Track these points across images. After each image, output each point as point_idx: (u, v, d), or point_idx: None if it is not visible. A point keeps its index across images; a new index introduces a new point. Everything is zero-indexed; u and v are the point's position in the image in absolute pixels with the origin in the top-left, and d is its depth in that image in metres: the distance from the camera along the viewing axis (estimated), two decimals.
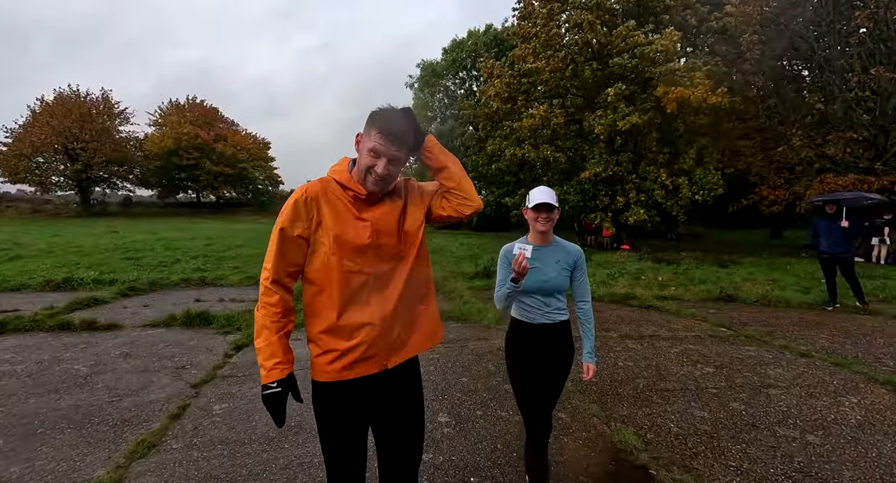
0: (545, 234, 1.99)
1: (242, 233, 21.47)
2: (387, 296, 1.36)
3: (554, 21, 16.00)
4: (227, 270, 9.33)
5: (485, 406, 3.13)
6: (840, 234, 6.36)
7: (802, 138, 14.92)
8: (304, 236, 1.31)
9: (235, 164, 43.77)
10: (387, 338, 1.36)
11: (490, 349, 4.41)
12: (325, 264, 1.31)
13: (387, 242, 1.38)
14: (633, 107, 14.55)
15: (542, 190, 1.94)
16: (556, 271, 1.95)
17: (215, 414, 2.95)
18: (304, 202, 1.32)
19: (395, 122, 1.32)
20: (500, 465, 2.42)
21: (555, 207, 1.93)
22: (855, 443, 2.69)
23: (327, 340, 1.33)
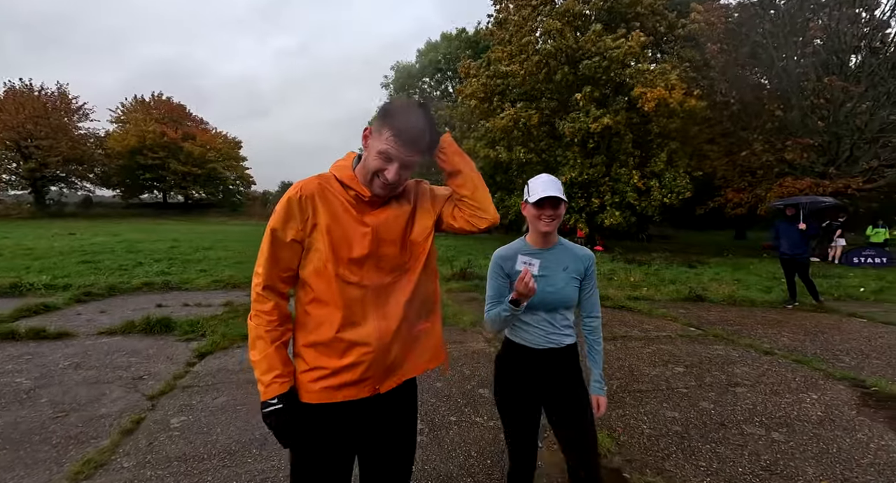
0: (549, 236, 1.60)
1: (211, 234, 20.76)
2: (387, 312, 1.23)
3: (528, 26, 16.21)
4: (193, 274, 8.95)
5: (459, 412, 3.07)
6: (798, 236, 6.64)
7: (764, 144, 15.60)
8: (298, 239, 1.18)
9: (205, 164, 42.40)
10: (383, 359, 1.22)
11: (466, 352, 4.36)
12: (319, 270, 1.18)
13: (388, 252, 1.24)
14: (605, 109, 14.87)
15: (546, 180, 1.55)
16: (564, 281, 1.57)
17: (172, 428, 2.77)
18: (298, 201, 1.18)
19: (411, 122, 1.17)
20: (473, 473, 2.36)
21: (562, 201, 1.51)
22: (816, 439, 2.76)
23: (315, 356, 1.20)
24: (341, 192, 1.22)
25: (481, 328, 5.30)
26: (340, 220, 1.20)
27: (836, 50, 14.98)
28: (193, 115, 47.76)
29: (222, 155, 44.43)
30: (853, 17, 15.05)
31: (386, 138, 1.16)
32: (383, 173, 1.18)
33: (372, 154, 1.19)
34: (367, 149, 1.22)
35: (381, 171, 1.18)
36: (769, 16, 15.87)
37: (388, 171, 1.18)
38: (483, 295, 6.34)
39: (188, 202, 45.83)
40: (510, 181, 18.17)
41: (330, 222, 1.19)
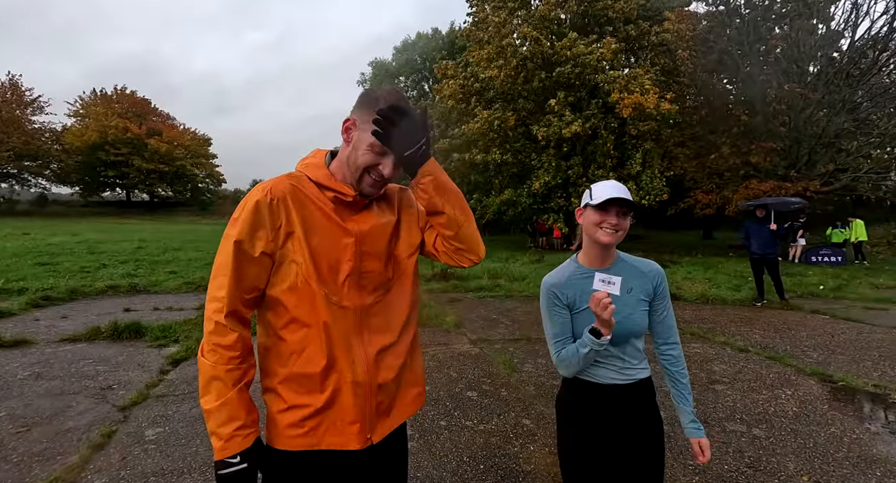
0: (608, 250, 1.33)
1: (180, 234, 20.00)
2: (371, 339, 1.05)
3: (506, 29, 16.34)
4: (162, 276, 8.57)
5: (448, 416, 3.03)
6: (769, 236, 6.92)
7: (730, 147, 16.24)
8: (268, 252, 0.98)
9: (172, 161, 40.83)
10: (371, 398, 1.04)
11: (451, 355, 4.32)
12: (296, 287, 0.99)
13: (372, 268, 1.07)
14: (579, 114, 15.16)
15: (614, 184, 1.29)
16: (631, 306, 1.31)
17: (147, 440, 2.61)
18: (268, 205, 0.98)
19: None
20: (466, 479, 2.32)
21: (631, 211, 1.28)
22: (794, 434, 2.86)
23: (296, 391, 1.00)
24: (317, 195, 1.04)
25: (465, 329, 5.28)
26: (318, 228, 1.01)
27: (795, 59, 15.76)
28: (159, 111, 45.99)
29: (191, 152, 42.92)
30: (810, 29, 15.87)
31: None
32: (377, 169, 1.02)
33: (361, 148, 1.02)
34: (352, 142, 1.05)
35: (373, 167, 1.02)
36: (735, 24, 16.54)
37: (382, 166, 1.03)
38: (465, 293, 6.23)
39: (153, 200, 44.06)
40: (487, 181, 18.27)
41: (308, 230, 1.00)
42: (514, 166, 16.65)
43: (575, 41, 14.92)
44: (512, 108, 16.59)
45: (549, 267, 10.84)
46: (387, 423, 1.09)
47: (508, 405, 3.19)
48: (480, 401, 3.26)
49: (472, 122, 16.22)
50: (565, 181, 16.00)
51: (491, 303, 6.86)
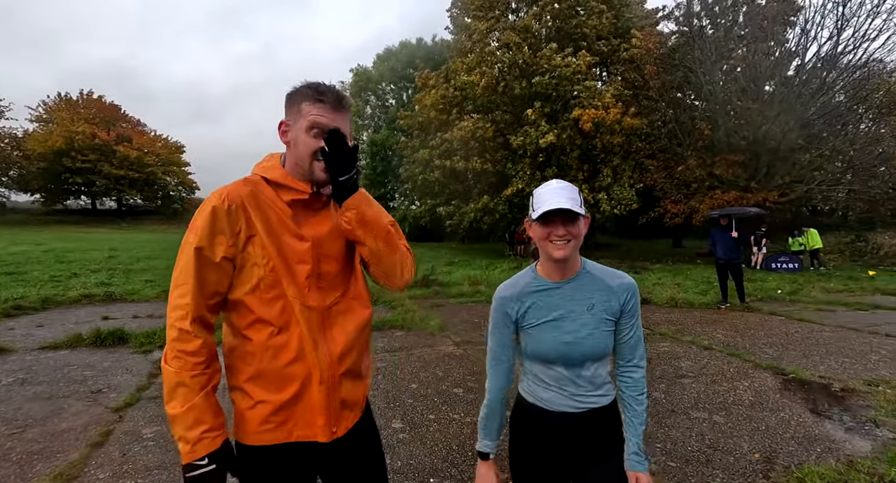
0: (566, 264, 1.17)
1: (153, 243, 19.49)
2: (333, 337, 1.08)
3: (489, 37, 16.91)
4: (138, 284, 8.44)
5: (436, 410, 3.20)
6: (733, 243, 7.42)
7: (697, 159, 17.12)
8: (229, 257, 1.00)
9: (143, 168, 39.65)
10: (335, 393, 1.08)
11: (437, 355, 4.50)
12: (258, 289, 1.02)
13: (329, 270, 1.10)
14: (555, 125, 15.75)
15: (555, 187, 1.14)
16: (592, 324, 1.16)
17: (146, 438, 2.69)
18: (226, 211, 1.00)
19: (324, 85, 1.07)
20: (457, 464, 2.51)
21: (580, 216, 1.11)
22: (749, 419, 3.16)
23: (262, 387, 1.03)
24: (274, 199, 1.06)
25: (449, 332, 5.47)
26: (276, 232, 1.04)
27: (753, 78, 16.82)
28: (129, 117, 44.67)
29: (162, 159, 41.80)
30: (767, 50, 17.01)
31: (308, 109, 1.03)
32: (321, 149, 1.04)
33: (301, 137, 1.04)
34: (291, 138, 1.07)
35: (317, 150, 1.04)
36: (699, 44, 17.56)
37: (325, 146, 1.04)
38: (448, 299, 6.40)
39: (122, 209, 42.54)
40: (467, 190, 18.62)
41: (268, 233, 1.03)
42: (493, 175, 17.07)
43: (553, 53, 15.57)
44: (491, 119, 17.06)
45: None
46: (349, 416, 1.13)
47: None
48: (466, 396, 3.45)
49: (456, 128, 16.57)
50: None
51: (473, 308, 7.08)
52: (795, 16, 16.89)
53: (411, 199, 27.41)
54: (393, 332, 5.33)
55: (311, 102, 1.03)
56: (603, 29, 17.53)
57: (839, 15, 15.61)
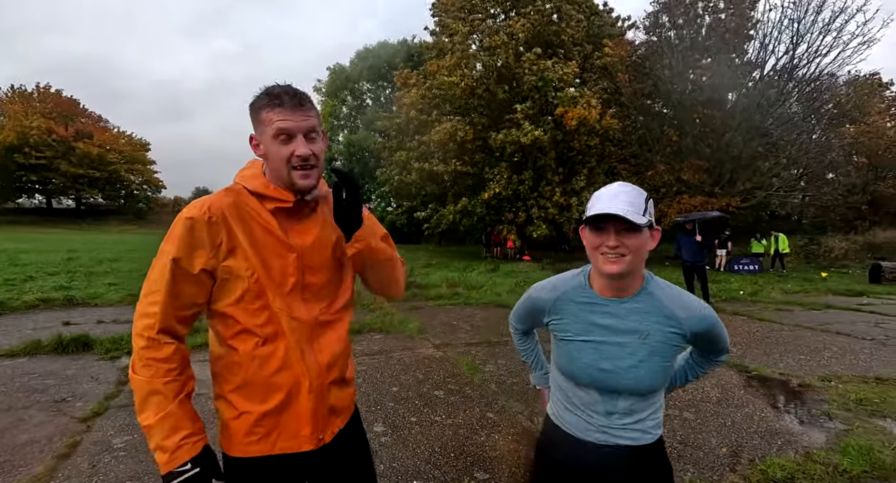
0: (621, 280, 1.01)
1: (115, 244, 18.65)
2: (321, 347, 1.07)
3: (470, 39, 17.08)
4: (101, 288, 8.06)
5: (418, 413, 3.21)
6: (696, 246, 7.76)
7: (665, 165, 17.78)
8: (208, 269, 0.97)
9: (104, 166, 37.90)
10: (323, 402, 1.07)
11: (416, 358, 4.51)
12: (242, 301, 1.00)
13: (315, 281, 1.08)
14: (536, 125, 16.09)
15: (615, 190, 1.00)
16: (640, 355, 0.99)
17: (117, 448, 2.59)
18: (206, 223, 0.97)
19: (279, 87, 1.03)
20: (440, 466, 2.53)
21: (639, 226, 0.94)
22: (717, 415, 3.32)
23: (247, 398, 1.01)
24: (258, 209, 1.03)
25: (428, 335, 5.49)
26: (260, 243, 1.02)
27: (717, 88, 17.62)
28: (90, 112, 42.66)
29: (126, 157, 40.07)
30: (729, 62, 17.86)
31: (269, 117, 1.00)
32: (294, 155, 1.00)
33: (271, 148, 1.01)
34: (264, 151, 1.05)
35: (291, 156, 1.00)
36: (666, 54, 18.27)
37: (296, 148, 1.00)
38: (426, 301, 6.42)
39: (81, 208, 40.49)
40: (444, 192, 18.70)
41: (251, 246, 1.00)
42: (471, 177, 17.22)
43: (539, 57, 15.91)
44: (469, 121, 17.21)
45: (505, 276, 11.35)
46: (337, 422, 1.12)
47: (473, 401, 3.43)
48: (447, 398, 3.48)
49: (433, 132, 16.62)
50: (516, 194, 16.77)
51: (451, 310, 7.12)
52: (755, 30, 17.79)
53: (388, 201, 27.26)
54: (372, 336, 5.30)
55: (270, 109, 1.00)
56: (578, 36, 18.01)
57: (794, 31, 16.59)
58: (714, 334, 1.04)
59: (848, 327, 6.31)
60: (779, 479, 2.38)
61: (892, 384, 3.91)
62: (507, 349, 4.90)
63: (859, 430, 2.98)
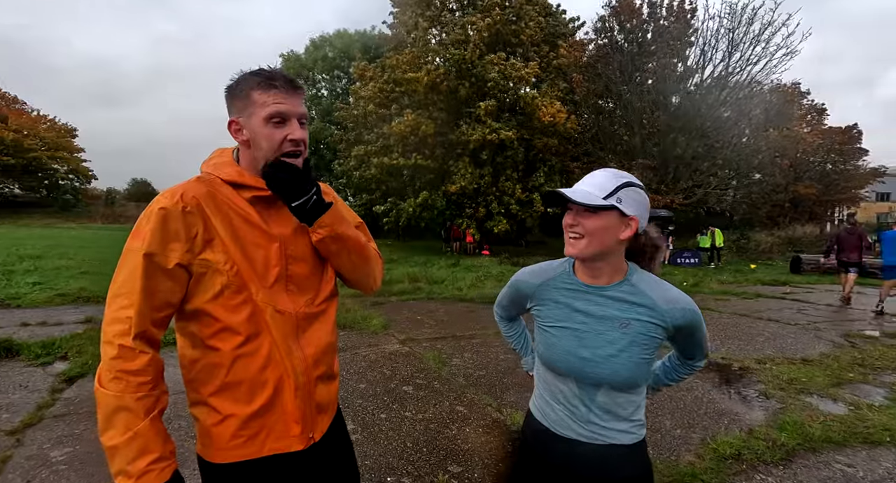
0: (594, 264, 1.01)
1: (37, 240, 16.94)
2: (308, 341, 1.02)
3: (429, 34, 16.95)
4: (24, 288, 7.29)
5: (388, 409, 3.18)
6: None
7: (616, 163, 18.60)
8: (184, 263, 0.91)
9: (22, 153, 34.20)
10: (310, 398, 1.02)
11: (382, 354, 4.45)
12: (222, 296, 0.93)
13: (299, 272, 1.03)
14: (501, 124, 16.30)
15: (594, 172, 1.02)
16: (620, 345, 0.98)
17: (56, 462, 2.35)
18: (181, 213, 0.90)
19: (271, 70, 0.98)
20: (413, 461, 2.51)
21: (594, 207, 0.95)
22: (670, 399, 3.53)
23: (231, 400, 0.95)
24: (234, 198, 0.97)
25: (392, 330, 5.43)
26: (240, 234, 0.96)
27: (662, 91, 18.65)
28: (3, 93, 38.25)
29: (48, 144, 36.35)
30: (672, 66, 18.93)
31: (263, 100, 0.94)
32: (288, 139, 0.96)
33: (261, 131, 0.95)
34: (249, 136, 0.97)
35: (283, 141, 0.96)
36: (616, 56, 19.07)
37: (291, 133, 0.96)
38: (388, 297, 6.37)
39: None
40: (403, 187, 18.54)
41: (231, 235, 0.94)
42: (431, 171, 17.18)
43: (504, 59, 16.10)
44: (429, 115, 17.14)
45: (466, 270, 11.44)
46: (324, 419, 1.08)
47: (442, 395, 3.44)
48: (416, 393, 3.46)
49: (396, 123, 16.34)
50: (477, 190, 16.95)
51: (414, 305, 7.09)
52: (695, 38, 18.95)
53: (345, 195, 26.66)
54: None
55: (264, 91, 0.94)
56: (536, 37, 18.38)
57: (729, 40, 17.85)
58: (695, 331, 1.03)
59: (776, 314, 6.93)
60: (728, 456, 2.58)
61: (816, 364, 4.35)
62: (474, 343, 4.96)
63: (792, 408, 3.28)
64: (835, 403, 3.40)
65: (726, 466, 2.48)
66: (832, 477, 2.41)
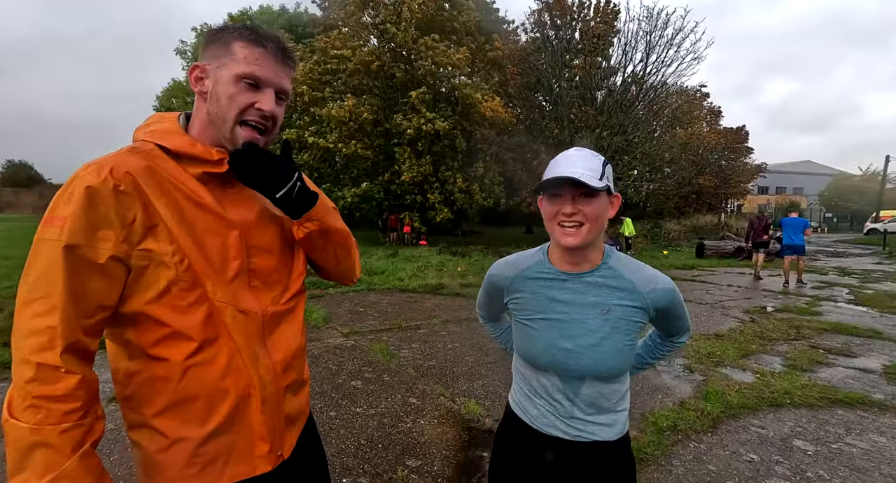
0: (580, 253, 0.96)
1: None
2: (276, 346, 0.88)
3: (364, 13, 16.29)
4: None
5: (337, 406, 3.02)
6: None
7: (548, 155, 19.38)
8: (119, 256, 0.73)
9: None
10: (279, 411, 0.88)
11: (326, 349, 4.23)
12: (169, 294, 0.77)
13: (263, 265, 0.88)
14: (436, 114, 16.17)
15: (573, 155, 0.95)
16: (602, 333, 0.94)
17: None
18: (112, 192, 0.72)
19: (270, 31, 0.84)
20: (369, 459, 2.41)
21: (596, 190, 0.89)
22: None
23: (182, 421, 0.79)
24: (180, 175, 0.79)
25: (335, 323, 5.20)
26: (190, 219, 0.79)
27: (589, 87, 19.69)
28: None
29: None
30: (597, 64, 20.04)
31: (244, 55, 0.80)
32: (254, 107, 0.81)
33: (227, 88, 0.80)
34: (211, 88, 0.82)
35: (249, 107, 0.81)
36: (547, 52, 19.75)
37: (261, 102, 0.81)
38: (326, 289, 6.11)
39: None
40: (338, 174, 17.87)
41: (178, 221, 0.77)
42: (369, 159, 16.71)
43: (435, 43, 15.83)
44: (365, 102, 16.58)
45: (405, 260, 11.36)
46: (294, 432, 0.95)
47: (393, 388, 3.35)
48: (366, 388, 3.34)
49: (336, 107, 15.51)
50: (421, 179, 16.85)
51: (354, 297, 6.85)
52: (617, 37, 20.19)
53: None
54: None
55: (249, 46, 0.80)
56: (470, 25, 18.43)
57: (647, 42, 19.24)
58: (676, 310, 1.01)
59: (689, 295, 7.68)
60: (666, 428, 2.79)
61: (727, 339, 4.87)
62: (421, 333, 4.90)
63: (712, 379, 3.64)
64: (744, 373, 3.83)
65: (665, 438, 2.67)
66: (750, 439, 2.70)
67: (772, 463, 2.42)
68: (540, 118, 20.34)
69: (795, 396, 3.27)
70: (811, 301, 7.12)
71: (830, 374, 3.79)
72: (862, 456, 2.50)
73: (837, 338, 4.94)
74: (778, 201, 33.00)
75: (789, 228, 8.88)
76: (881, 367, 3.96)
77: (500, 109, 15.94)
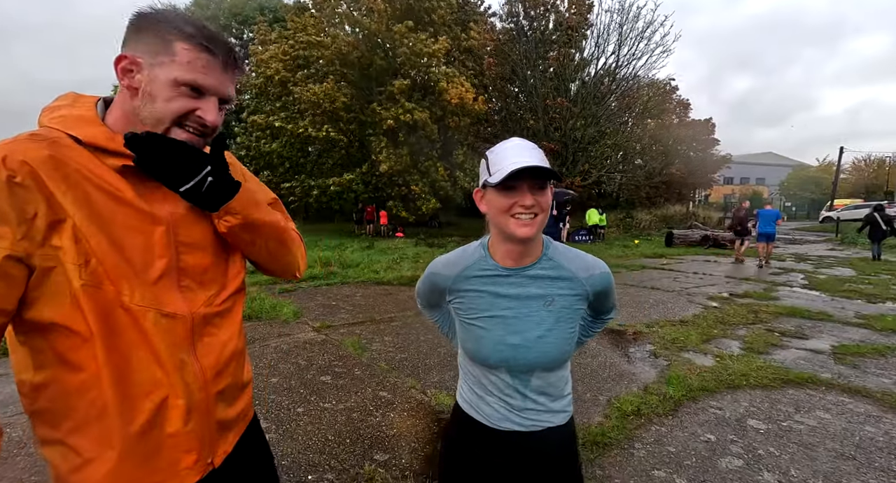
0: (528, 245, 0.95)
1: None
2: (207, 350, 0.83)
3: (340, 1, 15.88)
4: None
5: (305, 402, 2.98)
6: (552, 219, 8.80)
7: None
8: (18, 255, 0.66)
9: None
10: (209, 418, 0.83)
11: (296, 344, 4.16)
12: (78, 297, 0.70)
13: (195, 264, 0.82)
14: (414, 104, 15.98)
15: (520, 145, 0.93)
16: (548, 324, 0.96)
17: None
18: (6, 184, 0.65)
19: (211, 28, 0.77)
20: (335, 454, 2.39)
21: (548, 182, 0.91)
22: (579, 367, 3.84)
23: (97, 436, 0.73)
24: (93, 166, 0.72)
25: (305, 318, 5.12)
26: (105, 215, 0.72)
27: (564, 78, 19.84)
28: None
29: None
30: (570, 56, 20.20)
31: (187, 58, 0.73)
32: (194, 115, 0.75)
33: (163, 92, 0.73)
34: (143, 87, 0.73)
35: (189, 113, 0.75)
36: (522, 42, 19.76)
37: (202, 110, 0.75)
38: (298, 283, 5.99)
39: None
40: (315, 164, 17.48)
41: (90, 216, 0.70)
42: (344, 148, 16.41)
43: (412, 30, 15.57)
44: (339, 89, 16.23)
45: (381, 253, 11.26)
46: (229, 437, 0.89)
47: (363, 382, 3.33)
48: (335, 382, 3.30)
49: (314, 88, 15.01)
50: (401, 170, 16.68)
51: (327, 290, 6.76)
52: (591, 30, 20.37)
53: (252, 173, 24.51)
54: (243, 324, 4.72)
55: (193, 47, 0.73)
56: (448, 17, 18.23)
57: (619, 34, 19.49)
58: (610, 291, 1.04)
59: (658, 283, 7.92)
60: (630, 413, 2.87)
61: (691, 325, 5.05)
62: (394, 326, 4.88)
63: (675, 364, 3.77)
64: (705, 357, 3.98)
65: (629, 422, 2.76)
66: (708, 420, 2.81)
67: (727, 442, 2.53)
68: (515, 109, 20.39)
69: (751, 378, 3.43)
70: (769, 286, 7.46)
71: (784, 356, 3.98)
72: (809, 432, 2.64)
73: (792, 321, 5.19)
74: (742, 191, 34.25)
75: (763, 219, 10.27)
76: (830, 348, 4.19)
77: (467, 96, 15.83)
